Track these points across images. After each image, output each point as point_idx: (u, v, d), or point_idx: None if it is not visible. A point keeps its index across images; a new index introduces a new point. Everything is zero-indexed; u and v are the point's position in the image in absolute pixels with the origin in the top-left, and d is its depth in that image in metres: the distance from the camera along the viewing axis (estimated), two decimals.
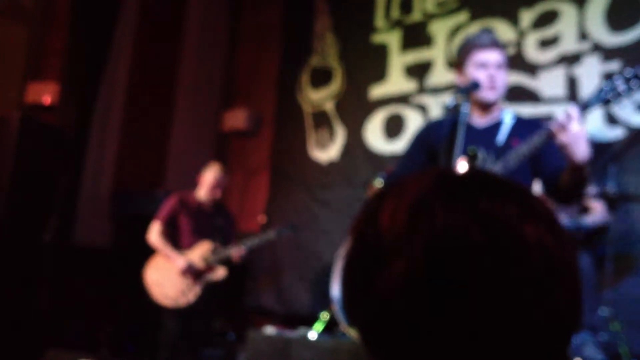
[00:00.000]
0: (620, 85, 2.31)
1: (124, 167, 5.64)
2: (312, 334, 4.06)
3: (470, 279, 0.57)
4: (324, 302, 4.52)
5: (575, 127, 2.23)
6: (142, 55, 5.86)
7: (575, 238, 3.76)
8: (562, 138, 2.25)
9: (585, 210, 3.82)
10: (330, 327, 4.30)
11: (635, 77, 2.30)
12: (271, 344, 3.81)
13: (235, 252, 4.34)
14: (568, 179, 2.38)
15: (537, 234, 0.60)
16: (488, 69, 2.57)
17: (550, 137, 2.29)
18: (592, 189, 3.87)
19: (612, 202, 3.72)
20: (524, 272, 0.59)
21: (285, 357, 3.68)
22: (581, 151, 2.25)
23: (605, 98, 2.33)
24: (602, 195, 3.78)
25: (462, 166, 2.49)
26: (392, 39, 5.29)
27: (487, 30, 2.95)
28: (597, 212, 3.75)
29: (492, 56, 2.59)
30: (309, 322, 4.46)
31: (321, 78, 5.74)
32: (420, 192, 0.62)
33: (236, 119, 6.17)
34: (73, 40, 5.35)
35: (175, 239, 4.44)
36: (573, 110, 2.25)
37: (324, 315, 4.40)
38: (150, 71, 5.92)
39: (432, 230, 0.59)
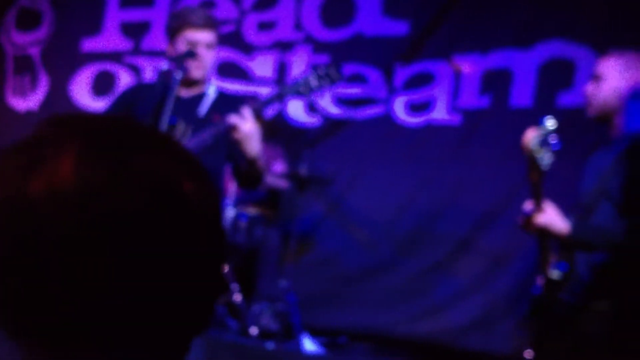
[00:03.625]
0: (313, 81, 2.51)
1: None
2: None
3: (131, 245, 0.53)
4: None
5: (247, 126, 2.41)
6: None
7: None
8: (235, 135, 2.40)
9: None
10: None
11: (327, 75, 2.52)
12: None
13: None
14: (246, 168, 2.54)
15: (195, 189, 0.57)
16: (197, 48, 2.60)
17: (228, 130, 2.44)
18: (284, 168, 4.14)
19: (303, 184, 4.00)
20: (183, 232, 0.56)
21: None
22: (252, 148, 2.45)
23: (299, 91, 2.53)
24: (293, 176, 4.04)
25: None
26: None
27: (204, 7, 2.98)
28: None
29: (203, 36, 2.63)
30: None
31: (29, 20, 5.26)
32: (69, 152, 0.55)
33: None
34: None
35: None
36: (247, 111, 2.42)
37: None
38: None
39: (92, 198, 0.53)
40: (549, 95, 3.84)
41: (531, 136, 2.29)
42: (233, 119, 2.42)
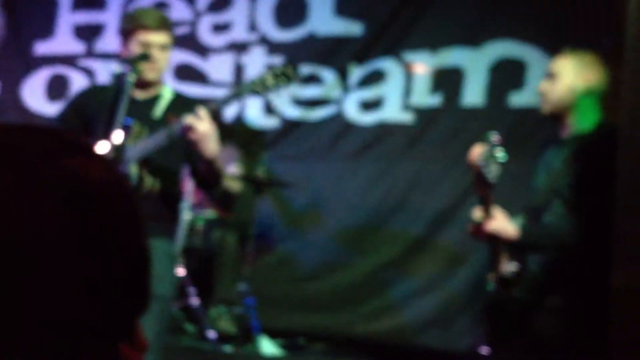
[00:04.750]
0: (269, 80, 2.52)
1: None
2: None
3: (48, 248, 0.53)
4: None
5: (203, 126, 2.40)
6: None
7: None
8: (192, 136, 2.38)
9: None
10: None
11: (283, 74, 2.53)
12: None
13: None
14: (204, 169, 2.53)
15: (102, 181, 0.56)
16: (151, 50, 2.59)
17: (184, 131, 2.42)
18: (238, 170, 4.13)
19: (260, 186, 3.99)
20: (97, 227, 0.55)
21: None
22: (210, 148, 2.44)
23: (255, 90, 2.54)
24: (251, 179, 4.04)
25: (117, 137, 2.48)
26: None
27: (157, 8, 2.95)
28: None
29: (157, 38, 2.61)
30: None
31: None
32: None
33: None
34: None
35: None
36: (203, 111, 2.41)
37: None
38: None
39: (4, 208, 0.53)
40: (500, 95, 3.89)
41: (477, 152, 2.32)
42: (189, 119, 2.41)
